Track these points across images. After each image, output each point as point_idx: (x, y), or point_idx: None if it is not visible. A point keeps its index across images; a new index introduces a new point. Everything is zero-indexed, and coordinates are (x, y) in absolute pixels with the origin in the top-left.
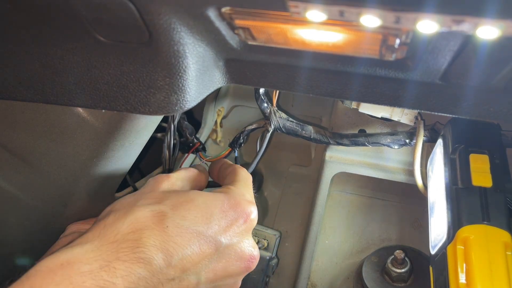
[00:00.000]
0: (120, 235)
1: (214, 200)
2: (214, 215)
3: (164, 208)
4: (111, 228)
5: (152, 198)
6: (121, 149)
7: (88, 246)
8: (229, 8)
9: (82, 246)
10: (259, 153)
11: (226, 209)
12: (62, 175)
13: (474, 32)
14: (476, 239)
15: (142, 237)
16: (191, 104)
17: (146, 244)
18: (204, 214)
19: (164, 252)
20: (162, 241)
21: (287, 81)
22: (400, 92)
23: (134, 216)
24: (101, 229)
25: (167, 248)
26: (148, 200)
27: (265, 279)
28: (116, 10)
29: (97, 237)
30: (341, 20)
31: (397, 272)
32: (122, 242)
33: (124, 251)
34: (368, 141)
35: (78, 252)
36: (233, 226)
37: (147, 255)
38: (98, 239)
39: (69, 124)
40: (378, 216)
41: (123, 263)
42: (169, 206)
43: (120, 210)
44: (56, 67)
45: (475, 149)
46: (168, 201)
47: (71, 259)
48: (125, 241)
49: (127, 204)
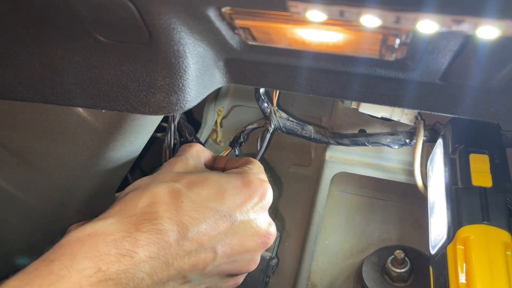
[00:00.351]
0: (139, 209)
1: (227, 178)
2: (227, 192)
3: (179, 186)
4: (130, 203)
5: (168, 177)
6: (121, 149)
7: (111, 220)
8: (229, 8)
9: (105, 220)
10: (259, 153)
11: (239, 186)
12: (62, 175)
13: (474, 32)
14: (476, 239)
15: (159, 210)
16: (191, 104)
17: (162, 217)
18: (218, 191)
19: (179, 225)
20: (178, 215)
21: (287, 81)
22: (400, 92)
23: (151, 192)
24: (121, 205)
25: (182, 221)
26: (164, 179)
27: (265, 279)
28: (116, 10)
29: (118, 212)
30: (341, 20)
31: (397, 272)
32: (141, 215)
33: (143, 223)
34: (368, 141)
35: (103, 225)
36: (248, 203)
37: (164, 226)
38: (119, 214)
39: (69, 124)
40: (378, 216)
41: (143, 234)
42: (184, 184)
43: (138, 189)
44: (56, 67)
45: (475, 149)
46: (183, 180)
47: (97, 230)
48: (143, 213)
49: (145, 183)
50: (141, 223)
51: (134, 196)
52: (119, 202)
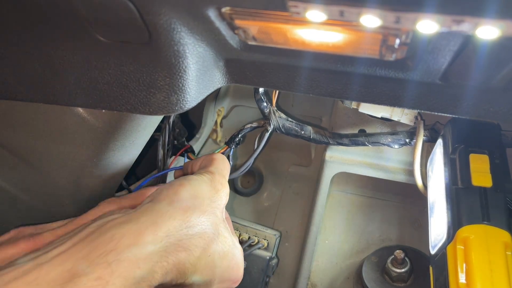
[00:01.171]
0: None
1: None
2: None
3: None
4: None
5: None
6: (121, 149)
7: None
8: (229, 8)
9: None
10: (255, 152)
11: (234, 269)
12: (62, 175)
13: (474, 32)
14: (476, 239)
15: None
16: (191, 104)
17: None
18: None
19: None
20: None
21: (287, 81)
22: (400, 92)
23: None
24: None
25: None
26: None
27: (265, 279)
28: (116, 10)
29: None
30: (341, 20)
31: (397, 272)
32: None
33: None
34: (368, 141)
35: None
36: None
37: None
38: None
39: (69, 124)
40: (378, 216)
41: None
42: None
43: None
44: (56, 67)
45: (475, 149)
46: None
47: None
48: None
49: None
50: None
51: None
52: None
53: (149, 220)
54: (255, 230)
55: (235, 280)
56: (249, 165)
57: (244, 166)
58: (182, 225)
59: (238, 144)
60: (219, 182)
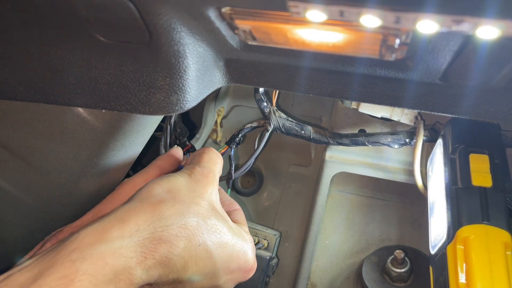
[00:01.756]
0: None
1: (237, 244)
2: (232, 257)
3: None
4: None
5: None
6: (121, 149)
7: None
8: (229, 8)
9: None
10: (256, 152)
11: (241, 257)
12: (62, 175)
13: (474, 32)
14: (476, 239)
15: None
16: (191, 104)
17: (178, 253)
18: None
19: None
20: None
21: (287, 81)
22: (400, 92)
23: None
24: (155, 218)
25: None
26: (199, 209)
27: (265, 279)
28: (116, 10)
29: (148, 226)
30: (341, 20)
31: (397, 272)
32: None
33: (161, 251)
34: (368, 141)
35: (128, 243)
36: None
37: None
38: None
39: (69, 124)
40: (378, 216)
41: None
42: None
43: (178, 205)
44: (56, 67)
45: (475, 149)
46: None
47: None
48: (167, 241)
49: (183, 201)
50: (158, 250)
51: (172, 216)
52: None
53: (116, 218)
54: (255, 230)
55: (246, 269)
56: (250, 165)
57: (244, 166)
58: (154, 217)
59: (239, 144)
60: (200, 173)
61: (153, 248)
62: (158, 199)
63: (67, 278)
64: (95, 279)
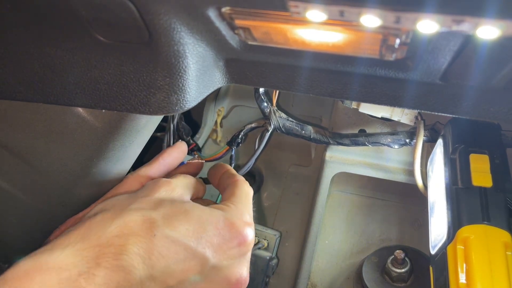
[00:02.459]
0: (104, 238)
1: (209, 216)
2: (206, 231)
3: (155, 216)
4: (96, 229)
5: (146, 203)
6: (121, 149)
7: (69, 250)
8: (229, 8)
9: (63, 250)
10: (256, 152)
11: (221, 227)
12: (62, 175)
13: (474, 32)
14: (476, 239)
15: (127, 244)
16: (191, 104)
17: (129, 251)
18: (197, 228)
19: (146, 262)
20: (147, 250)
21: (287, 81)
22: (400, 92)
23: (123, 220)
24: (86, 230)
25: (151, 258)
26: (141, 205)
27: (265, 279)
28: (116, 10)
29: (80, 239)
30: (341, 20)
31: (397, 272)
32: (105, 247)
33: (106, 257)
34: (368, 141)
35: (58, 256)
36: (225, 246)
37: (129, 263)
38: (81, 242)
39: (69, 124)
40: (378, 216)
41: (103, 269)
42: (161, 214)
43: (109, 211)
44: (56, 67)
45: (475, 149)
46: (162, 209)
47: (50, 263)
48: (108, 245)
49: (118, 205)
50: (103, 257)
51: (102, 221)
52: (83, 224)
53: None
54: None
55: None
56: (251, 166)
57: (245, 166)
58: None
59: (239, 144)
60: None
61: (95, 257)
62: (92, 214)
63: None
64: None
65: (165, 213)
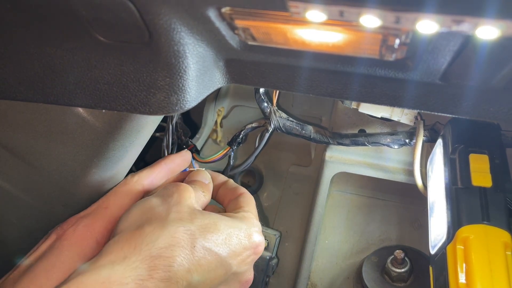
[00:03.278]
0: (154, 250)
1: (234, 227)
2: (232, 242)
3: (193, 228)
4: (147, 240)
5: (182, 214)
6: (121, 149)
7: (127, 263)
8: (229, 8)
9: (121, 263)
10: (256, 151)
11: (242, 238)
12: (62, 175)
13: (474, 32)
14: (476, 239)
15: (174, 255)
16: (191, 104)
17: (176, 263)
18: (224, 239)
19: (188, 272)
20: (189, 261)
21: (287, 81)
22: (400, 92)
23: (168, 232)
24: (137, 241)
25: (191, 268)
26: (179, 215)
27: (265, 279)
28: (116, 10)
29: (133, 250)
30: (341, 20)
31: (397, 272)
32: (156, 258)
33: (157, 269)
34: (368, 141)
35: (118, 270)
36: (245, 255)
37: (176, 274)
38: (136, 254)
39: (69, 124)
40: (378, 216)
41: (155, 281)
42: (198, 226)
43: (155, 222)
44: (56, 67)
45: (475, 149)
46: (196, 220)
47: (112, 277)
48: (158, 257)
49: (160, 216)
50: (154, 269)
51: (151, 231)
52: (133, 235)
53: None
54: None
55: (253, 246)
56: (250, 163)
57: (244, 164)
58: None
59: (240, 144)
60: (169, 188)
61: (148, 268)
62: (136, 225)
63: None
64: None
65: (200, 224)
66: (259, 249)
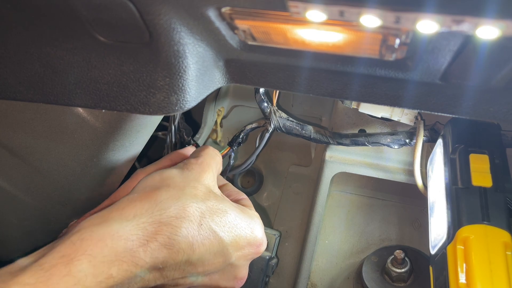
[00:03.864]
0: (165, 217)
1: (243, 220)
2: (238, 232)
3: (204, 208)
4: (160, 206)
5: (198, 191)
6: (121, 149)
7: (135, 222)
8: (229, 8)
9: (131, 221)
10: (256, 151)
11: (248, 233)
12: (62, 175)
13: (474, 32)
14: (476, 239)
15: (181, 226)
16: (191, 104)
17: (181, 234)
18: (232, 227)
19: (190, 247)
20: (193, 236)
21: (287, 81)
22: (400, 92)
23: (182, 204)
24: (152, 204)
25: (194, 244)
26: (194, 191)
27: (265, 279)
28: (116, 10)
29: (145, 211)
30: (341, 20)
31: (397, 272)
32: (164, 225)
33: (162, 234)
34: (368, 141)
35: (126, 226)
36: (245, 250)
37: (178, 244)
38: (146, 216)
39: (69, 124)
40: (378, 216)
41: (158, 244)
42: (208, 207)
43: (171, 191)
44: (56, 67)
45: (475, 149)
46: (209, 202)
47: (120, 232)
48: (167, 224)
49: (177, 187)
50: (160, 233)
51: (167, 198)
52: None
53: (114, 207)
54: None
55: (256, 244)
56: (251, 163)
57: (245, 164)
58: (150, 203)
59: (240, 144)
60: (194, 163)
61: (154, 231)
62: (153, 187)
63: (66, 257)
64: (94, 259)
65: (210, 206)
66: (261, 248)
